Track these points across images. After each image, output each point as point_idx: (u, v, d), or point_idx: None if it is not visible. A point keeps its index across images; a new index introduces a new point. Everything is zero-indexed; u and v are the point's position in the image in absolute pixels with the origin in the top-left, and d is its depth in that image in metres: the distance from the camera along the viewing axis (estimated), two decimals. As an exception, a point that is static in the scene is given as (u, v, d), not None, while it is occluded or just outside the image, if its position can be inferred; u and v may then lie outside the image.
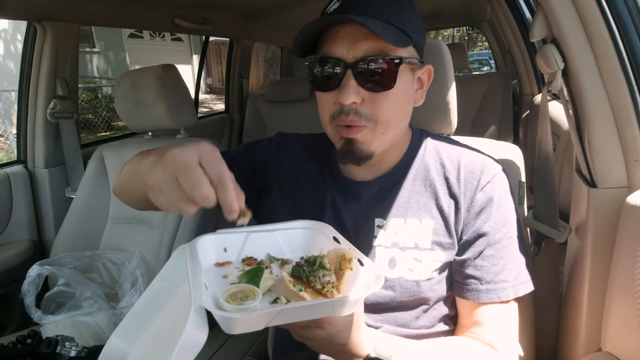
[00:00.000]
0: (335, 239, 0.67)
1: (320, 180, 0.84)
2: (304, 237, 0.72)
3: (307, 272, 0.58)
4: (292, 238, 0.72)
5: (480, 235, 0.73)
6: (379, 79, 0.67)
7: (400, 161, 0.80)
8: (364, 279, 0.58)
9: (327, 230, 0.70)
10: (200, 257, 0.63)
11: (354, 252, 0.60)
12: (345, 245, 0.64)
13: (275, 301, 0.55)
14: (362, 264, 0.59)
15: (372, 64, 0.66)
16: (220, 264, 0.68)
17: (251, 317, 0.49)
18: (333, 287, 0.56)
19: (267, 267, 0.66)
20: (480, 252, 0.73)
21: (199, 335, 0.48)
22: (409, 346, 0.67)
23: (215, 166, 0.51)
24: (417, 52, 0.73)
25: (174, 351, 0.45)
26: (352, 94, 0.67)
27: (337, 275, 0.58)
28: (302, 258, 0.62)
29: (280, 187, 0.85)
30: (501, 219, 0.74)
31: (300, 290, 0.55)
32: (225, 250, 0.70)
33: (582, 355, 0.81)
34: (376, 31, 0.62)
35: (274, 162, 0.88)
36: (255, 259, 0.69)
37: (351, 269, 0.58)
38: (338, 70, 0.68)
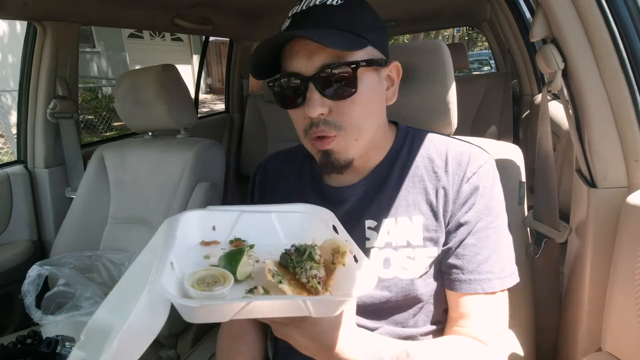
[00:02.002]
0: (335, 229, 0.62)
1: (302, 193, 0.84)
2: (302, 222, 0.67)
3: (294, 261, 0.53)
4: (289, 222, 0.67)
5: (461, 224, 0.73)
6: (340, 87, 0.67)
7: (384, 160, 0.80)
8: (356, 277, 0.51)
9: (328, 218, 0.64)
10: (180, 233, 0.58)
11: (350, 246, 0.55)
12: (343, 237, 0.58)
13: (251, 291, 0.51)
14: (356, 261, 0.54)
15: (330, 72, 0.67)
16: (206, 243, 0.63)
17: (211, 308, 0.43)
18: (319, 282, 0.51)
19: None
20: (462, 241, 0.72)
21: (151, 320, 0.43)
22: (398, 350, 0.65)
23: None
24: (379, 50, 0.73)
25: (117, 336, 0.41)
26: (318, 107, 0.67)
27: (328, 269, 0.53)
28: (293, 245, 0.56)
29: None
30: (485, 208, 0.73)
31: (280, 282, 0.49)
32: (213, 228, 0.65)
33: (582, 355, 0.81)
34: (324, 42, 0.63)
35: (258, 193, 0.90)
36: (245, 241, 0.63)
37: (343, 265, 0.53)
38: (300, 84, 0.68)
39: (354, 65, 0.67)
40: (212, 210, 0.66)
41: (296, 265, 0.53)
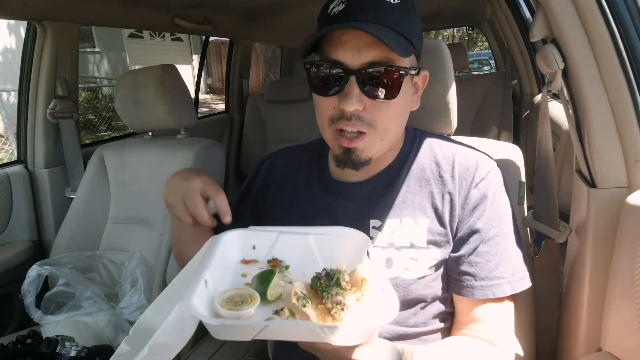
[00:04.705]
0: (369, 255, 0.62)
1: (309, 188, 0.84)
2: (339, 245, 0.67)
3: (323, 286, 0.54)
4: (325, 244, 0.67)
5: (474, 232, 0.74)
6: (382, 89, 0.67)
7: (394, 161, 0.80)
8: (378, 307, 0.52)
9: (362, 242, 0.65)
10: (221, 251, 0.62)
11: (378, 275, 0.55)
12: (372, 265, 0.58)
13: (277, 312, 0.53)
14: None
15: (376, 72, 0.66)
16: (246, 261, 0.66)
17: (231, 328, 0.47)
18: (342, 309, 0.51)
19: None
20: (475, 249, 0.73)
21: (179, 332, 0.47)
22: (415, 352, 0.66)
23: (212, 190, 0.72)
24: (416, 58, 0.74)
25: (147, 346, 0.45)
26: (355, 102, 0.66)
27: (356, 296, 0.53)
28: (324, 269, 0.58)
29: (273, 205, 0.86)
30: (495, 215, 0.74)
31: (304, 306, 0.51)
32: (254, 247, 0.68)
33: (582, 355, 0.81)
34: (387, 41, 0.61)
35: (263, 185, 0.90)
36: (282, 261, 0.66)
37: (370, 293, 0.53)
38: (341, 75, 0.67)
39: (403, 72, 0.67)
40: (253, 230, 0.70)
41: (324, 289, 0.54)
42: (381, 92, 0.67)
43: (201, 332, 0.49)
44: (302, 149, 0.92)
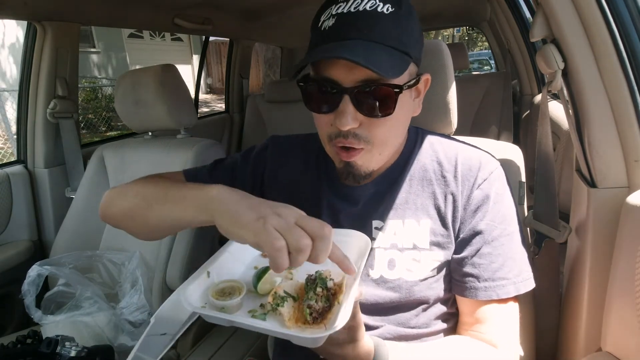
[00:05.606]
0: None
1: (316, 186, 0.83)
2: (346, 248, 0.66)
3: (308, 288, 0.57)
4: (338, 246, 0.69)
5: (476, 233, 0.73)
6: (377, 106, 0.65)
7: (396, 162, 0.80)
8: (332, 320, 0.53)
9: (364, 248, 0.65)
10: (239, 246, 0.65)
11: (349, 288, 0.56)
12: (354, 274, 0.59)
13: (262, 305, 0.58)
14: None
15: (370, 90, 0.64)
16: (265, 255, 0.67)
17: (208, 316, 0.54)
18: (310, 313, 0.54)
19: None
20: (478, 250, 0.73)
21: (175, 311, 0.55)
22: (406, 350, 0.67)
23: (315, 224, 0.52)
24: (416, 65, 0.71)
25: (153, 317, 0.54)
26: (350, 120, 0.64)
27: (333, 301, 0.56)
28: (316, 272, 0.59)
29: (278, 195, 0.84)
30: (498, 215, 0.74)
31: (278, 305, 0.54)
32: None
33: (582, 355, 0.81)
34: (375, 69, 0.59)
35: (269, 170, 0.87)
36: None
37: (338, 303, 0.55)
38: (335, 93, 0.65)
39: (397, 90, 0.65)
40: None
41: (308, 292, 0.57)
42: (377, 110, 0.65)
43: (201, 332, 0.51)
44: (307, 144, 0.89)
